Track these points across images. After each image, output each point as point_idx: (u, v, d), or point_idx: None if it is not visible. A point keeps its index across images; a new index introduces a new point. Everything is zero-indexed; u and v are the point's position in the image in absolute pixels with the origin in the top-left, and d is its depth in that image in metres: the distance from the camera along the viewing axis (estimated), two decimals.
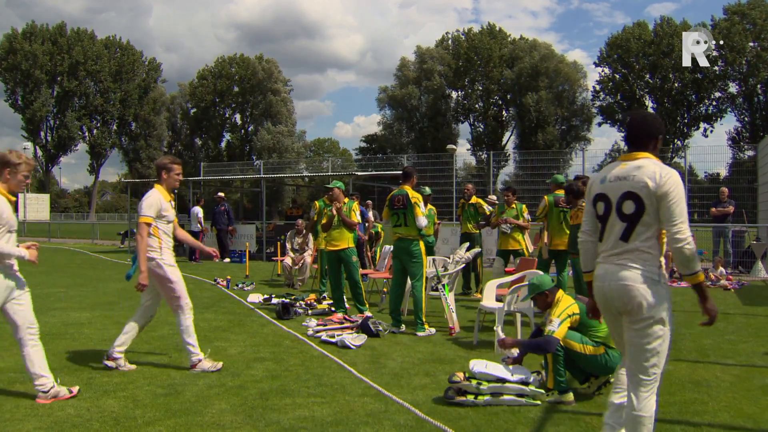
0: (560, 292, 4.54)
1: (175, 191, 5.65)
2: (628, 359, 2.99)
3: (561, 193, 7.93)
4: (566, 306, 4.36)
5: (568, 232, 7.75)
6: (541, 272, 6.34)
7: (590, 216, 3.18)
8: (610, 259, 2.99)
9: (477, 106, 55.46)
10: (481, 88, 54.79)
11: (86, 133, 57.46)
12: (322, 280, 9.18)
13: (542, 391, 4.29)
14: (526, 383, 4.28)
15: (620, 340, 3.12)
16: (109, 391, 4.43)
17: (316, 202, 9.19)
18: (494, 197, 10.68)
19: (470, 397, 4.23)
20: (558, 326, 4.24)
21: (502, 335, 4.62)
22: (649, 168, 2.90)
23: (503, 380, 4.26)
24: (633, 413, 2.90)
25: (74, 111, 55.20)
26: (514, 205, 9.21)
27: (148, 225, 4.96)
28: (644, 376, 2.90)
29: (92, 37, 55.97)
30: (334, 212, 7.62)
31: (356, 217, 7.77)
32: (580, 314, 4.36)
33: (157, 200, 5.03)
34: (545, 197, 8.08)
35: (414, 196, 6.74)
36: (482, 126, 55.58)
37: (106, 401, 4.20)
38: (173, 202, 5.25)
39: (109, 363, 4.99)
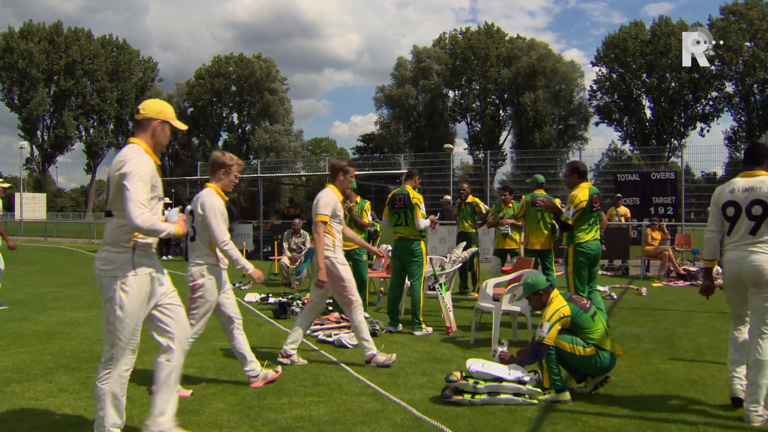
0: (555, 292, 4.54)
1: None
2: (754, 319, 3.94)
3: (540, 192, 7.97)
4: (557, 308, 4.36)
5: (546, 232, 7.79)
6: (536, 271, 6.36)
7: (717, 218, 4.15)
8: (741, 247, 3.93)
9: (474, 105, 55.31)
10: (478, 87, 54.64)
11: (83, 133, 57.22)
12: None
13: (539, 390, 4.29)
14: (523, 382, 4.28)
15: (738, 307, 4.06)
16: None
17: None
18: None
19: (467, 397, 4.23)
20: (548, 331, 4.26)
21: (503, 349, 4.62)
22: None
23: (500, 379, 4.26)
24: (759, 358, 3.82)
25: (71, 110, 54.96)
26: (510, 205, 9.23)
27: (324, 223, 5.02)
28: (766, 328, 3.86)
29: (89, 36, 55.73)
30: (346, 212, 7.57)
31: (367, 218, 7.73)
32: (572, 315, 4.35)
33: (333, 200, 5.11)
34: (523, 197, 8.12)
35: (415, 196, 6.73)
36: (479, 125, 55.44)
37: None
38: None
39: None
